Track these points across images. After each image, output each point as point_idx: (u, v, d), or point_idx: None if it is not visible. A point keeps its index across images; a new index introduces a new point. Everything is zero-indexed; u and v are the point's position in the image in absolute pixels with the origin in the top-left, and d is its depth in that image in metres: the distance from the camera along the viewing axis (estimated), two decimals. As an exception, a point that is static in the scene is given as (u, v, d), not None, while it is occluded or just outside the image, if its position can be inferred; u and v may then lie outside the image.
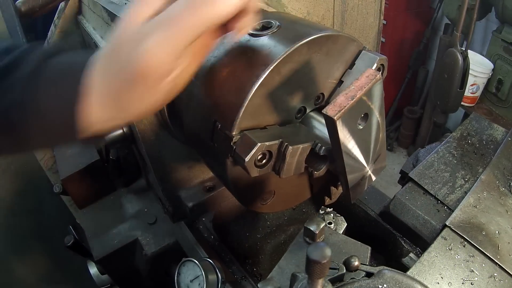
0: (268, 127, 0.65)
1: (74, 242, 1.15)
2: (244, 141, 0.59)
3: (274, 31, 0.65)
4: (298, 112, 0.69)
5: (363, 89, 0.54)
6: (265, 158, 0.60)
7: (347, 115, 0.53)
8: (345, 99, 0.53)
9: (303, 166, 0.65)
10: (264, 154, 0.60)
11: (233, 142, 0.60)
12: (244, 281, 0.82)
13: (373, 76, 0.55)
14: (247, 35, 0.67)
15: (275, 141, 0.60)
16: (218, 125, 0.64)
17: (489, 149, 1.01)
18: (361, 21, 1.12)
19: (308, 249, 0.45)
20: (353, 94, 0.53)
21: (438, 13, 3.20)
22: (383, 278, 0.58)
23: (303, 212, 1.12)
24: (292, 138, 0.63)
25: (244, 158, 0.58)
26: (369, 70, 0.56)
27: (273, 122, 0.66)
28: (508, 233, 0.80)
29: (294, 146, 0.60)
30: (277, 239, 1.04)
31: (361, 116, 0.57)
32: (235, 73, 0.63)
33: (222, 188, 1.00)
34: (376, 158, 0.66)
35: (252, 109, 0.61)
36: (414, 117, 3.50)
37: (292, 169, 0.63)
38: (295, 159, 0.63)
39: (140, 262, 1.03)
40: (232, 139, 0.60)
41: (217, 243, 0.93)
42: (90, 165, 1.12)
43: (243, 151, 0.58)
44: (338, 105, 0.53)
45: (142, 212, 1.13)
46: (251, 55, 0.63)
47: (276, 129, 0.65)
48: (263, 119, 0.64)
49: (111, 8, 0.80)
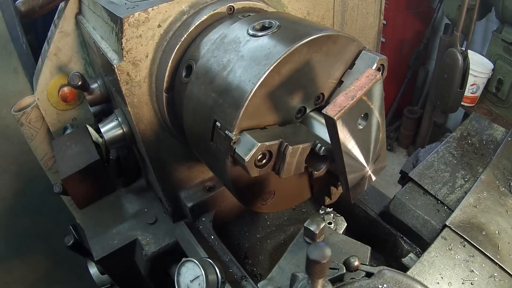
0: (268, 127, 0.65)
1: (74, 242, 1.15)
2: (244, 141, 0.60)
3: (274, 31, 0.65)
4: (298, 112, 0.69)
5: (363, 89, 0.54)
6: (265, 158, 0.61)
7: (347, 115, 0.54)
8: (345, 99, 0.53)
9: (303, 166, 0.66)
10: (264, 154, 0.60)
11: (233, 142, 0.61)
12: (244, 281, 0.82)
13: (373, 76, 0.55)
14: (247, 35, 0.67)
15: (275, 141, 0.60)
16: (218, 125, 0.64)
17: (489, 149, 1.01)
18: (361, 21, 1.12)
19: (308, 249, 0.45)
20: (353, 94, 0.53)
21: (438, 13, 3.20)
22: (383, 278, 0.58)
23: (303, 212, 1.12)
24: (292, 138, 0.63)
25: (244, 158, 0.58)
26: (369, 70, 0.56)
27: (273, 122, 0.66)
28: (508, 233, 0.80)
29: (294, 146, 0.61)
30: (277, 239, 1.04)
31: (361, 116, 0.57)
32: (235, 73, 0.64)
33: (222, 188, 1.00)
34: (376, 158, 0.66)
35: (252, 109, 0.61)
36: (414, 117, 3.50)
37: (292, 169, 0.64)
38: (295, 159, 0.63)
39: (140, 262, 1.03)
40: (232, 139, 0.61)
41: (217, 243, 0.93)
42: (90, 165, 1.12)
43: (243, 151, 0.59)
44: (338, 105, 0.53)
45: (142, 212, 1.13)
46: (251, 55, 0.63)
47: (276, 129, 0.66)
48: (263, 119, 0.64)
49: (111, 8, 0.81)
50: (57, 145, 1.23)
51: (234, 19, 0.77)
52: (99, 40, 0.90)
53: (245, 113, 0.60)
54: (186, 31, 0.77)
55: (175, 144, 0.92)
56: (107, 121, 0.94)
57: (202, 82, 0.69)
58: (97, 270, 1.21)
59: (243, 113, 0.60)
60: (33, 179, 2.30)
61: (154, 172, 0.94)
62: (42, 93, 1.30)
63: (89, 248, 1.05)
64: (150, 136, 0.88)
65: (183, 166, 0.97)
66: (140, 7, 0.75)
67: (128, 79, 0.78)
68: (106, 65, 0.84)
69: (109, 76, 0.89)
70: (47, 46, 1.25)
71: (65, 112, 1.38)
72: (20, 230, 2.47)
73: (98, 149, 1.18)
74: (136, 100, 0.81)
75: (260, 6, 0.83)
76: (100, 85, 1.07)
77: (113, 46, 0.81)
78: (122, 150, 1.16)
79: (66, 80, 1.04)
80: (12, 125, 1.89)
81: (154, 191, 1.14)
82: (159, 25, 0.77)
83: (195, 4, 0.80)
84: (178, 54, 0.77)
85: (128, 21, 0.73)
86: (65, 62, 1.26)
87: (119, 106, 0.95)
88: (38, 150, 1.47)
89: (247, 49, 0.65)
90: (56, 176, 1.51)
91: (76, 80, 0.96)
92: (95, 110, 1.18)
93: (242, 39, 0.67)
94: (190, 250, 0.92)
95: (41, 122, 1.42)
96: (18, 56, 2.12)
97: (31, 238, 2.51)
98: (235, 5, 0.80)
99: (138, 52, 0.77)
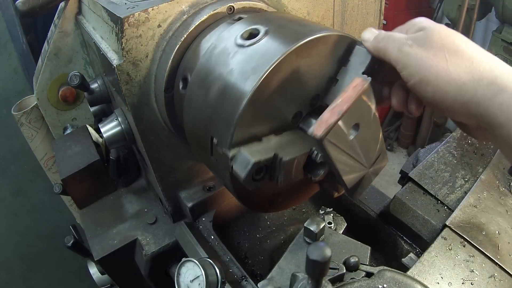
0: (264, 138, 0.65)
1: (74, 242, 1.15)
2: (240, 158, 0.60)
3: (260, 39, 0.64)
4: (294, 117, 0.68)
5: (350, 101, 0.51)
6: (262, 171, 0.62)
7: (335, 132, 0.52)
8: (331, 115, 0.51)
9: (302, 173, 0.66)
10: (261, 168, 0.61)
11: (229, 159, 0.61)
12: (244, 281, 0.82)
13: (361, 86, 0.52)
14: (235, 46, 0.65)
15: (270, 155, 0.61)
16: (215, 142, 0.65)
17: (489, 149, 1.01)
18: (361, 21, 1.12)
19: (308, 249, 0.45)
20: (339, 109, 0.51)
21: (438, 13, 3.20)
22: (383, 278, 0.58)
23: (303, 212, 1.12)
24: (288, 148, 0.63)
25: (241, 176, 0.59)
26: (356, 80, 0.53)
27: (269, 130, 0.66)
28: (508, 233, 0.80)
29: (288, 159, 0.61)
30: (277, 239, 1.04)
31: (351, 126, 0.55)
32: (226, 89, 0.63)
33: (222, 188, 1.00)
34: (376, 158, 0.66)
35: (245, 124, 0.61)
36: (414, 117, 3.50)
37: (290, 178, 0.64)
38: (292, 169, 0.63)
39: (140, 262, 1.03)
40: (228, 157, 0.61)
41: (217, 243, 0.93)
42: (90, 165, 1.12)
43: (239, 169, 0.60)
44: (324, 123, 0.51)
45: (142, 212, 1.13)
46: (239, 69, 0.62)
47: (272, 140, 0.65)
48: (259, 128, 0.64)
49: (111, 8, 0.80)
50: (57, 145, 1.23)
51: (224, 26, 0.76)
52: (99, 40, 0.90)
53: (238, 129, 0.60)
54: (186, 31, 0.77)
55: (175, 144, 0.92)
56: (107, 121, 0.94)
57: (197, 97, 0.69)
58: (97, 270, 1.21)
59: (236, 130, 0.60)
60: (33, 179, 2.30)
61: (154, 172, 0.94)
62: (42, 93, 1.30)
63: (89, 248, 1.05)
64: (150, 136, 0.88)
65: (183, 166, 0.97)
66: (140, 7, 0.75)
67: (128, 79, 0.78)
68: (106, 65, 0.84)
69: (109, 76, 0.89)
70: (47, 46, 1.25)
71: (65, 112, 1.38)
72: (20, 230, 2.48)
73: (98, 149, 1.18)
74: (136, 100, 0.81)
75: (260, 6, 0.83)
76: (100, 85, 1.07)
77: (113, 46, 0.81)
78: (122, 150, 1.16)
79: (66, 80, 1.04)
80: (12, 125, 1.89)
81: (154, 191, 1.14)
82: (159, 25, 0.77)
83: (195, 4, 0.80)
84: (178, 54, 0.77)
85: (128, 21, 0.73)
86: (65, 62, 1.26)
87: (119, 106, 0.95)
88: (38, 150, 1.47)
89: (236, 62, 0.63)
90: (56, 176, 1.51)
91: (76, 80, 0.96)
92: (95, 110, 1.18)
93: (230, 51, 0.65)
94: (190, 250, 0.92)
95: (41, 122, 1.42)
96: (18, 56, 2.12)
97: (31, 238, 2.51)
98: (235, 5, 0.80)
99: (138, 52, 0.77)
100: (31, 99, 1.43)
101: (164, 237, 1.03)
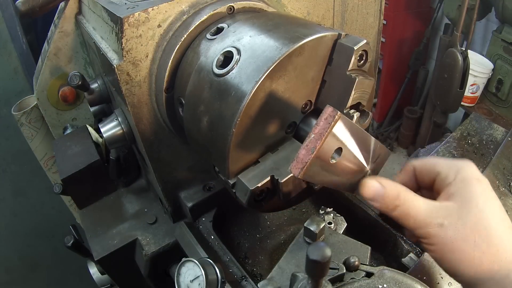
0: (260, 160, 0.67)
1: (74, 242, 1.15)
2: (239, 186, 0.65)
3: (232, 67, 0.63)
4: (288, 127, 0.69)
5: (322, 137, 0.51)
6: (264, 192, 0.65)
7: (313, 165, 0.52)
8: (306, 153, 0.51)
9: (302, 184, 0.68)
10: (261, 191, 0.64)
11: (231, 187, 0.66)
12: (244, 281, 0.82)
13: (332, 118, 0.51)
14: (213, 75, 0.65)
15: (267, 179, 0.64)
16: (217, 169, 0.70)
17: (489, 149, 1.01)
18: (361, 21, 1.12)
19: (308, 249, 0.44)
20: (313, 146, 0.51)
21: (438, 13, 3.20)
22: (383, 278, 0.58)
23: (303, 212, 1.12)
24: (285, 166, 0.64)
25: (242, 201, 0.64)
26: (326, 110, 0.51)
27: (265, 149, 0.68)
28: (508, 233, 0.80)
29: (284, 180, 0.63)
30: (277, 239, 1.04)
31: (332, 153, 0.54)
32: (213, 123, 0.65)
33: (222, 188, 1.00)
34: (376, 157, 0.66)
35: (237, 154, 0.63)
36: (414, 117, 3.50)
37: (291, 193, 0.66)
38: (291, 186, 0.65)
39: (140, 262, 1.03)
40: (229, 184, 0.66)
41: (217, 243, 0.93)
42: (90, 165, 1.12)
43: (240, 196, 0.65)
44: (300, 161, 0.52)
45: (142, 212, 1.13)
46: (220, 99, 0.63)
47: (269, 160, 0.67)
48: (254, 151, 0.67)
49: (111, 8, 0.80)
50: (57, 145, 1.23)
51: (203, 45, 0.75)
52: (99, 40, 0.90)
53: (232, 162, 0.63)
54: (186, 31, 0.77)
55: (175, 144, 0.92)
56: (107, 121, 0.94)
57: (192, 129, 0.72)
58: (97, 270, 1.21)
59: (231, 163, 0.63)
60: (33, 179, 2.30)
61: (154, 172, 0.94)
62: (42, 93, 1.30)
63: (89, 248, 1.05)
64: (150, 136, 0.88)
65: (183, 166, 0.97)
66: (140, 7, 0.75)
67: (128, 79, 0.78)
68: (106, 65, 0.84)
69: (109, 76, 0.89)
70: (47, 46, 1.25)
71: (65, 112, 1.38)
72: (20, 230, 2.48)
73: (98, 149, 1.18)
74: (136, 100, 0.81)
75: (260, 6, 0.83)
76: (100, 85, 1.07)
77: (113, 46, 0.81)
78: (122, 150, 1.16)
79: (66, 80, 1.04)
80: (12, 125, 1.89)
81: (154, 191, 1.14)
82: (159, 25, 0.77)
83: (195, 4, 0.80)
84: (178, 54, 0.77)
85: (128, 21, 0.73)
86: (65, 62, 1.26)
87: (119, 106, 0.95)
88: (38, 150, 1.47)
89: (216, 91, 0.64)
90: (56, 176, 1.51)
91: (76, 80, 0.96)
92: (95, 110, 1.18)
93: (211, 79, 0.66)
94: (190, 250, 0.92)
95: (41, 122, 1.42)
96: (18, 56, 2.12)
97: (31, 238, 2.51)
98: (235, 5, 0.80)
99: (138, 52, 0.77)
100: (31, 99, 1.43)
101: (164, 237, 1.03)
